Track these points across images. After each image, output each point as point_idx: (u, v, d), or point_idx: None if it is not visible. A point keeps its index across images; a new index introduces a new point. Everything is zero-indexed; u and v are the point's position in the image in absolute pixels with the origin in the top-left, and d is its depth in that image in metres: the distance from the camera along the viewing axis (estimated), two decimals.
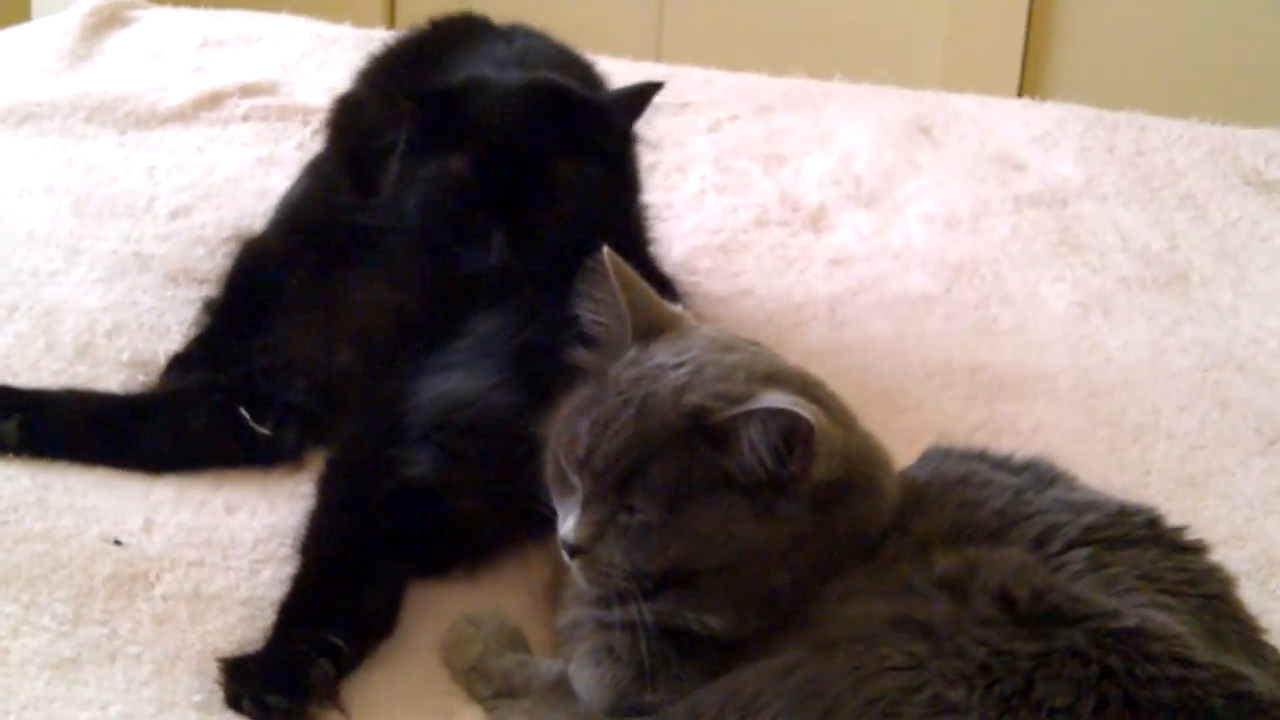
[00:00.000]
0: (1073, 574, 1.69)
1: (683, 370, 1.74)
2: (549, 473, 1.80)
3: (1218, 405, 2.48)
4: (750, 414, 1.67)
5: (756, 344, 1.85)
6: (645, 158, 2.48)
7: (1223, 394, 2.50)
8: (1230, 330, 2.68)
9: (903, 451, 1.89)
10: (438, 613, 1.90)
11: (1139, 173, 3.16)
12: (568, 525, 1.74)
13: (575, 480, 1.74)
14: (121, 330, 2.31)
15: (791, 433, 1.66)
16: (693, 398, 1.71)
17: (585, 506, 1.73)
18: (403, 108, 2.23)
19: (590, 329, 1.82)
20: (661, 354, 1.76)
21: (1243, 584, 1.85)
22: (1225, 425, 2.43)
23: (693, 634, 1.75)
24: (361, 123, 2.40)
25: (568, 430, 1.76)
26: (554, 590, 1.89)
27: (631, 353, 1.77)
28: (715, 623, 1.74)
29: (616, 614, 1.76)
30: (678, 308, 1.85)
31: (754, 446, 1.67)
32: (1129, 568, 1.71)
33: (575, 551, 1.74)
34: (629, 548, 1.72)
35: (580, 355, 1.83)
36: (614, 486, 1.71)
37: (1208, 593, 1.73)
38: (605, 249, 1.80)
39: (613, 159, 2.31)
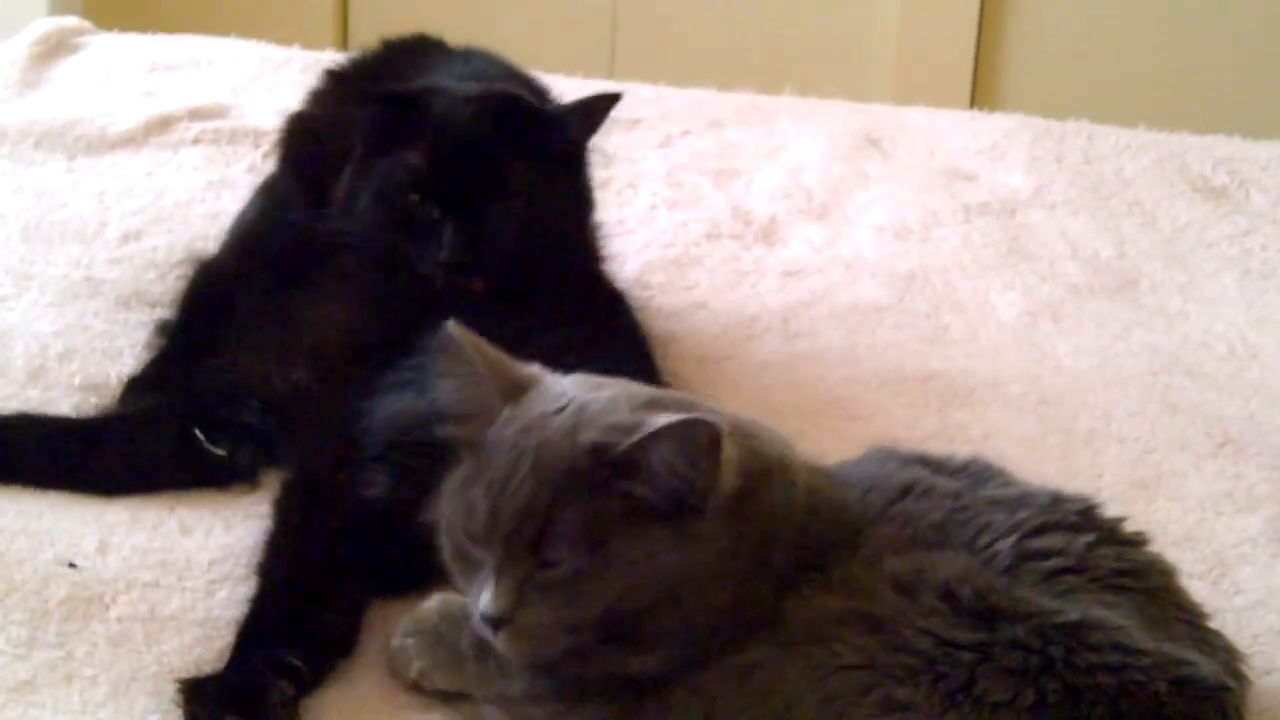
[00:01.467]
0: (1004, 568, 1.70)
1: (566, 413, 1.71)
2: (446, 556, 1.76)
3: (1168, 409, 2.50)
4: (656, 434, 1.65)
5: (622, 380, 1.82)
6: (598, 173, 2.49)
7: (1173, 398, 2.52)
8: (1179, 335, 2.70)
9: None
10: None
11: (1087, 181, 3.18)
12: (484, 599, 1.69)
13: (480, 552, 1.71)
14: (73, 354, 2.31)
15: (700, 442, 1.65)
16: (588, 435, 1.68)
17: (499, 575, 1.68)
18: (364, 108, 2.26)
19: (452, 407, 1.79)
20: (538, 405, 1.73)
21: (1195, 584, 1.88)
22: (1175, 429, 2.45)
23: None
24: (316, 137, 2.41)
25: (459, 505, 1.72)
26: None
27: (505, 413, 1.74)
28: (654, 664, 1.71)
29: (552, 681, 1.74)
30: (533, 369, 1.82)
31: (665, 466, 1.65)
32: (1065, 555, 1.72)
33: (499, 623, 1.69)
34: (559, 603, 1.68)
35: (450, 431, 1.79)
36: (526, 546, 1.67)
37: (1150, 585, 1.75)
38: (450, 325, 1.77)
39: (568, 170, 2.32)
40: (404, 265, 2.23)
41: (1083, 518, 1.79)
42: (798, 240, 2.94)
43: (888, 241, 2.94)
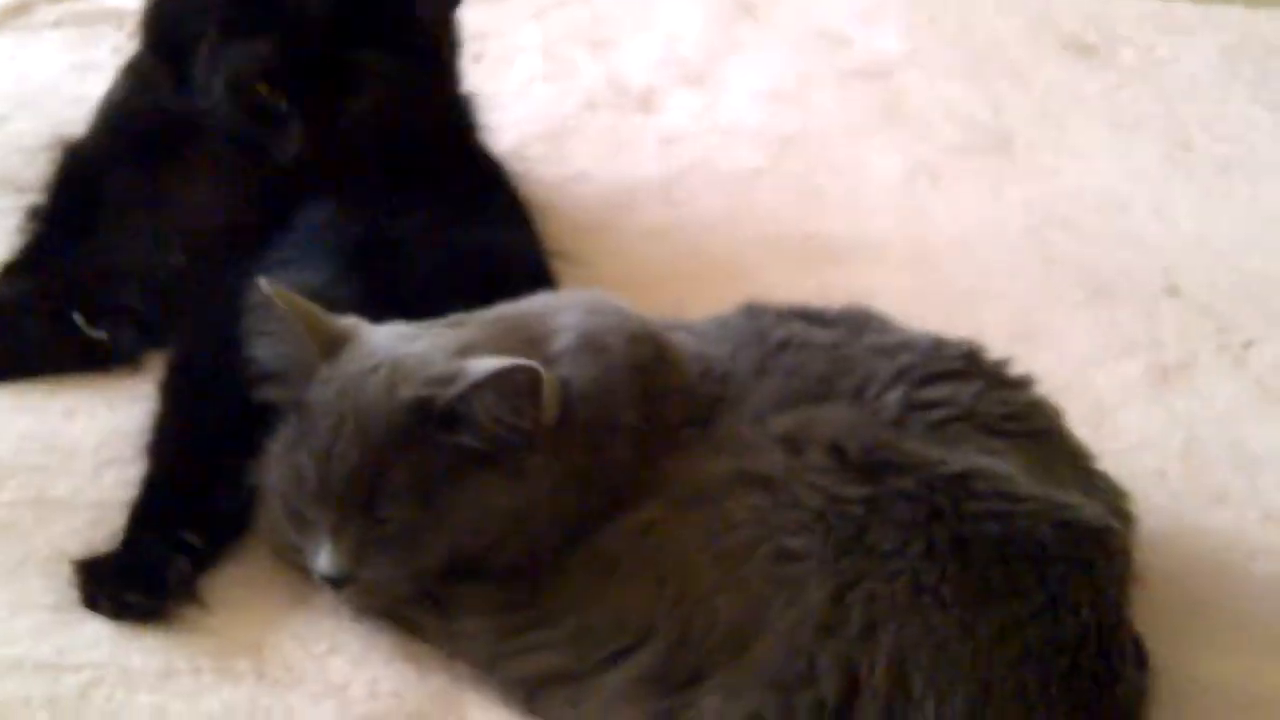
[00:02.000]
0: (891, 420, 1.73)
1: (381, 371, 1.72)
2: (278, 519, 1.77)
3: (1045, 263, 2.54)
4: (477, 384, 1.67)
5: (427, 325, 1.84)
6: (469, 47, 2.46)
7: (1049, 251, 2.57)
8: (1054, 189, 2.74)
9: None
10: None
11: (962, 44, 3.20)
12: (322, 560, 1.71)
13: (312, 514, 1.73)
14: None
15: (520, 387, 1.68)
16: (407, 391, 1.70)
17: (335, 536, 1.71)
18: None
19: (269, 365, 1.79)
20: (352, 364, 1.74)
21: (1077, 432, 1.91)
22: (1052, 282, 2.50)
23: None
24: (175, 18, 2.36)
25: (287, 469, 1.74)
26: None
27: (323, 371, 1.74)
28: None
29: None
30: (350, 320, 1.82)
31: (488, 414, 1.68)
32: (949, 404, 1.75)
33: (341, 583, 1.72)
34: (398, 557, 1.71)
35: (268, 393, 1.80)
36: (359, 506, 1.70)
37: (1034, 428, 1.78)
38: (262, 282, 1.76)
39: (422, 51, 2.29)
40: (261, 152, 2.20)
41: (967, 362, 1.82)
42: (675, 108, 2.94)
43: (764, 106, 2.95)
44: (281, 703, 1.70)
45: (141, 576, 1.75)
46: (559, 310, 1.84)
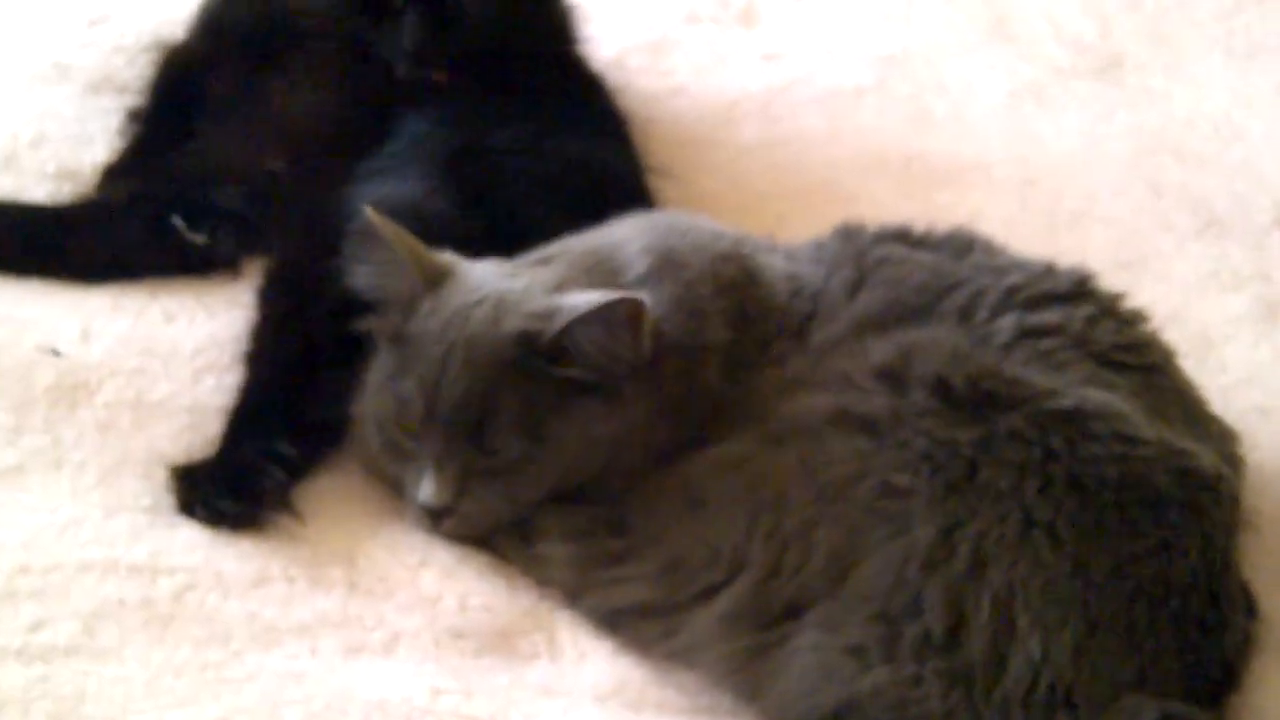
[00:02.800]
0: (1002, 345, 1.70)
1: (486, 305, 1.74)
2: (376, 449, 1.79)
3: (1152, 190, 2.49)
4: (583, 318, 1.69)
5: (519, 261, 1.85)
6: None
7: (1157, 179, 2.52)
8: (1164, 115, 2.68)
9: None
10: None
11: None
12: (425, 491, 1.73)
13: (414, 444, 1.74)
14: (45, 141, 2.26)
15: (623, 319, 1.69)
16: (513, 324, 1.72)
17: (439, 466, 1.72)
18: None
19: (369, 295, 1.80)
20: (456, 297, 1.75)
21: (1181, 364, 1.88)
22: (1160, 210, 2.45)
23: None
24: None
25: (389, 397, 1.75)
26: None
27: (427, 304, 1.76)
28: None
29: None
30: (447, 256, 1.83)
31: (593, 345, 1.70)
32: (1061, 332, 1.72)
33: (442, 514, 1.74)
34: (504, 489, 1.74)
35: (368, 322, 1.81)
36: (467, 435, 1.71)
37: (1147, 363, 1.76)
38: (367, 210, 1.76)
39: None
40: (368, 50, 2.18)
41: (1078, 287, 1.79)
42: (777, 22, 2.89)
43: (870, 23, 2.89)
44: (373, 612, 1.72)
45: (236, 485, 1.76)
46: (638, 235, 1.84)
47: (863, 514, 1.62)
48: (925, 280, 1.78)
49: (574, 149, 2.13)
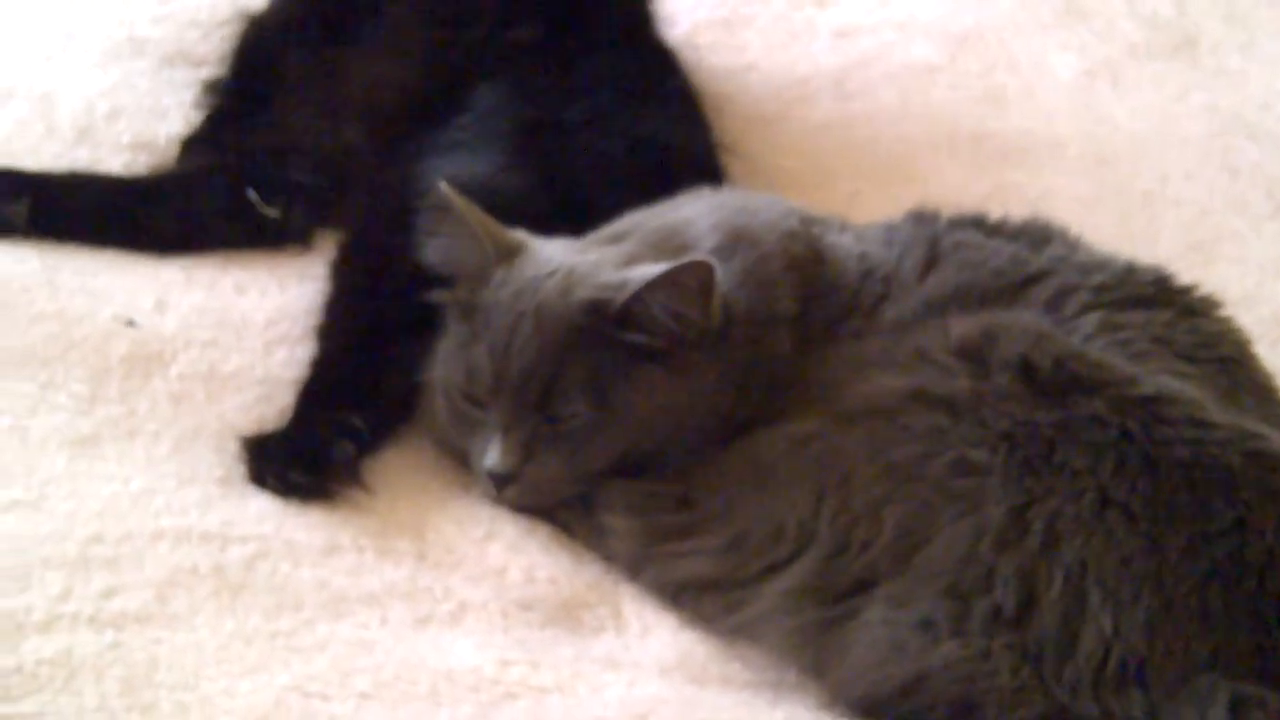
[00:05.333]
0: (1086, 337, 1.71)
1: (557, 276, 1.75)
2: (444, 416, 1.80)
3: (1227, 171, 2.48)
4: (654, 284, 1.71)
5: (589, 239, 1.86)
6: None
7: (1232, 160, 2.50)
8: (1239, 96, 2.67)
9: None
10: None
11: None
12: (491, 457, 1.75)
13: (482, 413, 1.75)
14: (120, 113, 2.28)
15: (694, 284, 1.70)
16: (583, 293, 1.73)
17: (506, 432, 1.74)
18: None
19: (442, 267, 1.82)
20: (528, 269, 1.77)
21: (1256, 345, 1.86)
22: (1234, 191, 2.44)
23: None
24: None
25: (459, 366, 1.77)
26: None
27: (499, 275, 1.77)
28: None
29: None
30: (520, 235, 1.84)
31: (665, 310, 1.71)
32: (1142, 330, 1.73)
33: (507, 480, 1.75)
34: (569, 456, 1.75)
35: (440, 295, 1.83)
36: (533, 402, 1.73)
37: (1222, 355, 1.76)
38: (442, 185, 1.78)
39: None
40: (467, 24, 2.19)
41: (1158, 289, 1.79)
42: (850, 0, 2.88)
43: (942, 1, 2.87)
44: (441, 583, 1.73)
45: (307, 457, 1.78)
46: (708, 212, 1.85)
47: (934, 491, 1.62)
48: (1002, 267, 1.78)
49: (646, 126, 2.14)
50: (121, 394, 1.84)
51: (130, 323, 1.93)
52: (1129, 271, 1.80)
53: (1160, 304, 1.77)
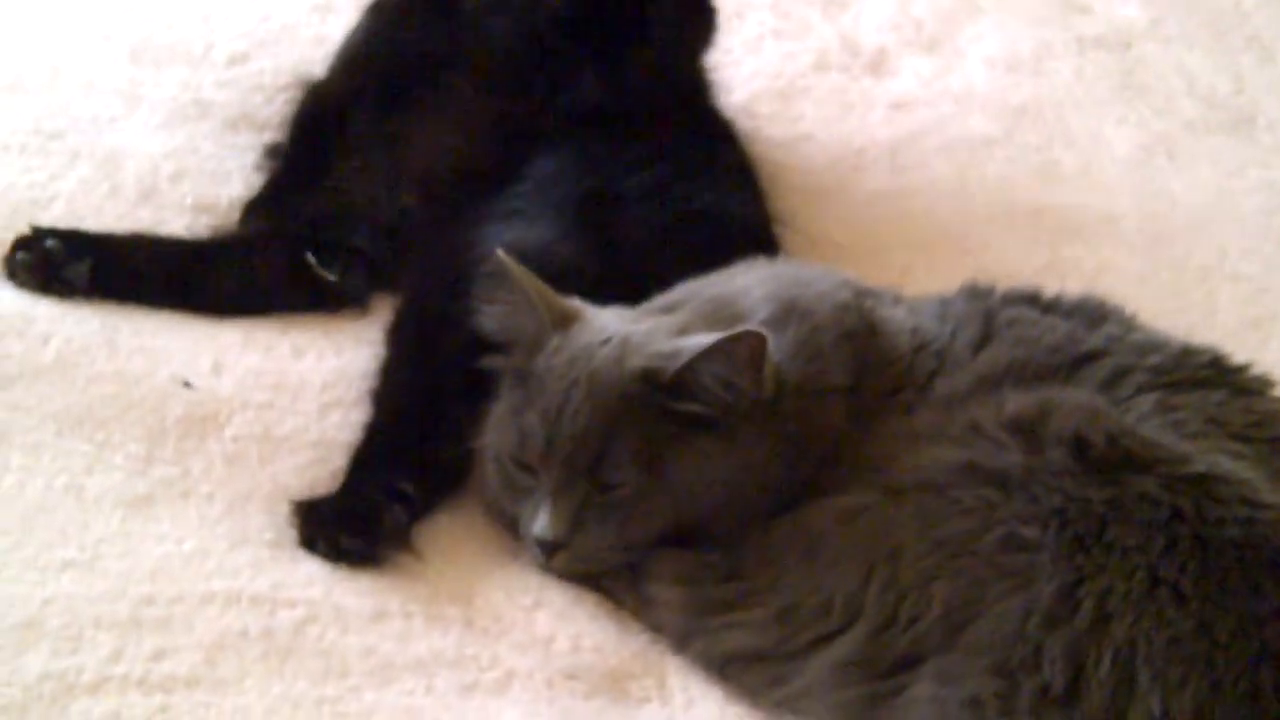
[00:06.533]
0: (1140, 417, 1.70)
1: (611, 344, 1.76)
2: (494, 483, 1.81)
3: None
4: (707, 353, 1.71)
5: (644, 308, 1.87)
6: None
7: None
8: None
9: None
10: None
11: (1204, 14, 3.10)
12: (541, 523, 1.75)
13: (532, 479, 1.76)
14: (184, 176, 2.31)
15: (746, 354, 1.71)
16: (637, 362, 1.74)
17: (555, 499, 1.75)
18: None
19: (498, 334, 1.83)
20: (583, 337, 1.78)
21: None
22: None
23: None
24: None
25: (510, 432, 1.78)
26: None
27: (554, 342, 1.78)
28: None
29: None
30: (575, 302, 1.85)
31: (716, 380, 1.71)
32: (1196, 411, 1.72)
33: (555, 547, 1.76)
34: (618, 525, 1.75)
35: (495, 361, 1.84)
36: (585, 469, 1.73)
37: (1275, 435, 1.74)
38: (499, 253, 1.80)
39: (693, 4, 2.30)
40: (527, 93, 2.22)
41: (1213, 370, 1.79)
42: (906, 72, 2.89)
43: (999, 74, 2.88)
44: (488, 651, 1.73)
45: (358, 522, 1.79)
46: (761, 283, 1.86)
47: (984, 566, 1.62)
48: (1058, 344, 1.79)
49: (702, 198, 2.15)
50: (177, 455, 1.86)
51: (187, 384, 1.95)
52: (1185, 353, 1.80)
53: (1215, 384, 1.77)
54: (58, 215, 2.17)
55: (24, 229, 2.09)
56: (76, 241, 2.07)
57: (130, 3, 2.76)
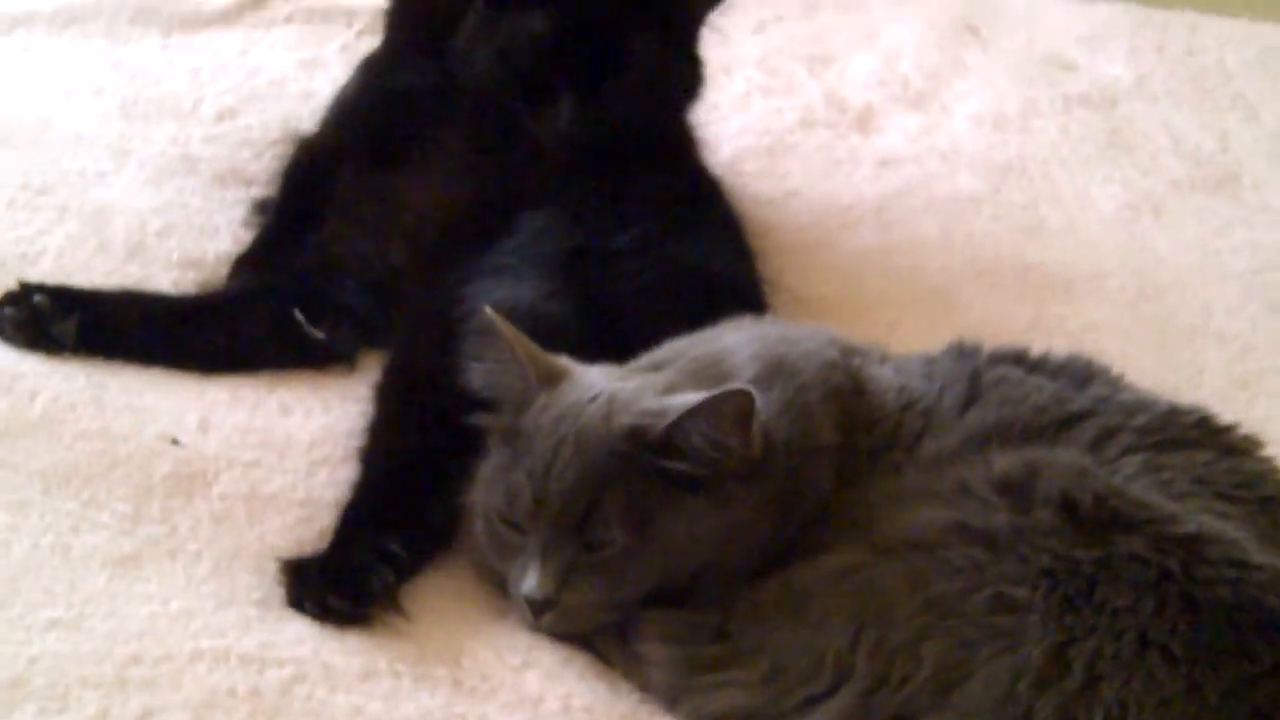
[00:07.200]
0: (1128, 477, 1.71)
1: (599, 402, 1.76)
2: (482, 541, 1.81)
3: (1269, 307, 2.48)
4: (694, 411, 1.71)
5: (630, 367, 1.87)
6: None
7: (1274, 295, 2.51)
8: None
9: None
10: None
11: (1189, 73, 3.14)
12: (529, 583, 1.75)
13: (520, 538, 1.76)
14: (171, 231, 2.31)
15: (734, 412, 1.70)
16: (624, 420, 1.74)
17: (544, 557, 1.74)
18: None
19: (486, 392, 1.83)
20: (570, 395, 1.78)
21: None
22: (1276, 326, 2.43)
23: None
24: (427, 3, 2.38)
25: (498, 490, 1.77)
26: None
27: (541, 400, 1.78)
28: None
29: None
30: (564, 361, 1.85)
31: (704, 439, 1.71)
32: (1184, 472, 1.73)
33: (544, 606, 1.75)
34: (606, 584, 1.75)
35: (482, 419, 1.84)
36: (573, 527, 1.73)
37: (1263, 495, 1.75)
38: (487, 310, 1.80)
39: (684, 46, 2.31)
40: (513, 144, 2.22)
41: (1200, 431, 1.79)
42: (893, 129, 2.91)
43: (985, 131, 2.91)
44: (476, 710, 1.72)
45: (346, 582, 1.78)
46: (748, 342, 1.86)
47: (974, 627, 1.61)
48: (1044, 404, 1.79)
49: (688, 255, 2.15)
50: (163, 513, 1.85)
51: (174, 441, 1.94)
52: (1172, 413, 1.80)
53: (1202, 445, 1.77)
54: (46, 270, 2.17)
55: (12, 284, 2.09)
56: (64, 298, 2.07)
57: (120, 58, 2.78)
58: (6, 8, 2.84)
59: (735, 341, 1.87)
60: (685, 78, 2.31)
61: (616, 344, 1.93)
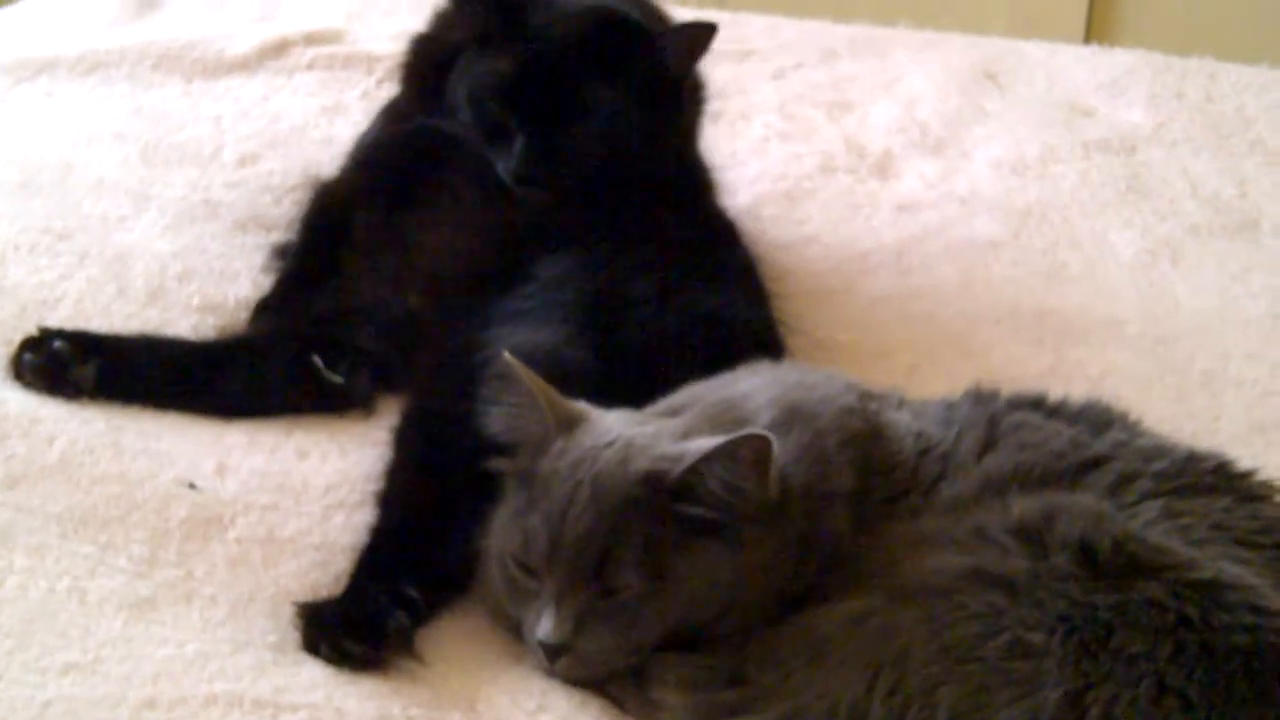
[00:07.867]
0: (1147, 522, 1.70)
1: (615, 446, 1.76)
2: (498, 586, 1.80)
3: None
4: (710, 456, 1.71)
5: (648, 411, 1.87)
6: (710, 105, 2.48)
7: None
8: None
9: None
10: None
11: (1208, 119, 3.13)
12: (544, 627, 1.74)
13: (536, 582, 1.75)
14: (192, 276, 2.32)
15: (751, 456, 1.71)
16: (641, 464, 1.74)
17: (559, 603, 1.74)
18: (470, 7, 2.29)
19: (502, 436, 1.83)
20: (587, 439, 1.78)
21: None
22: None
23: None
24: (439, 56, 2.39)
25: (515, 533, 1.77)
26: None
27: (558, 444, 1.78)
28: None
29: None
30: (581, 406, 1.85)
31: (720, 483, 1.71)
32: (1201, 518, 1.72)
33: (559, 651, 1.74)
34: (622, 628, 1.74)
35: (500, 463, 1.84)
36: (587, 573, 1.73)
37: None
38: (505, 355, 1.80)
39: (663, 99, 2.30)
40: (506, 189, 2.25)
41: (1218, 477, 1.79)
42: (912, 175, 2.91)
43: (1004, 177, 2.91)
44: None
45: (362, 627, 1.78)
46: (765, 387, 1.86)
47: (990, 673, 1.61)
48: (1062, 449, 1.79)
49: (706, 300, 2.15)
50: (180, 557, 1.86)
51: (192, 485, 1.95)
52: (1190, 459, 1.80)
53: (1220, 491, 1.77)
54: (65, 315, 2.18)
55: (31, 329, 2.10)
56: (83, 343, 2.08)
57: (142, 103, 2.80)
58: (30, 53, 2.87)
59: (753, 386, 1.88)
60: (654, 129, 2.29)
61: (634, 389, 1.93)
